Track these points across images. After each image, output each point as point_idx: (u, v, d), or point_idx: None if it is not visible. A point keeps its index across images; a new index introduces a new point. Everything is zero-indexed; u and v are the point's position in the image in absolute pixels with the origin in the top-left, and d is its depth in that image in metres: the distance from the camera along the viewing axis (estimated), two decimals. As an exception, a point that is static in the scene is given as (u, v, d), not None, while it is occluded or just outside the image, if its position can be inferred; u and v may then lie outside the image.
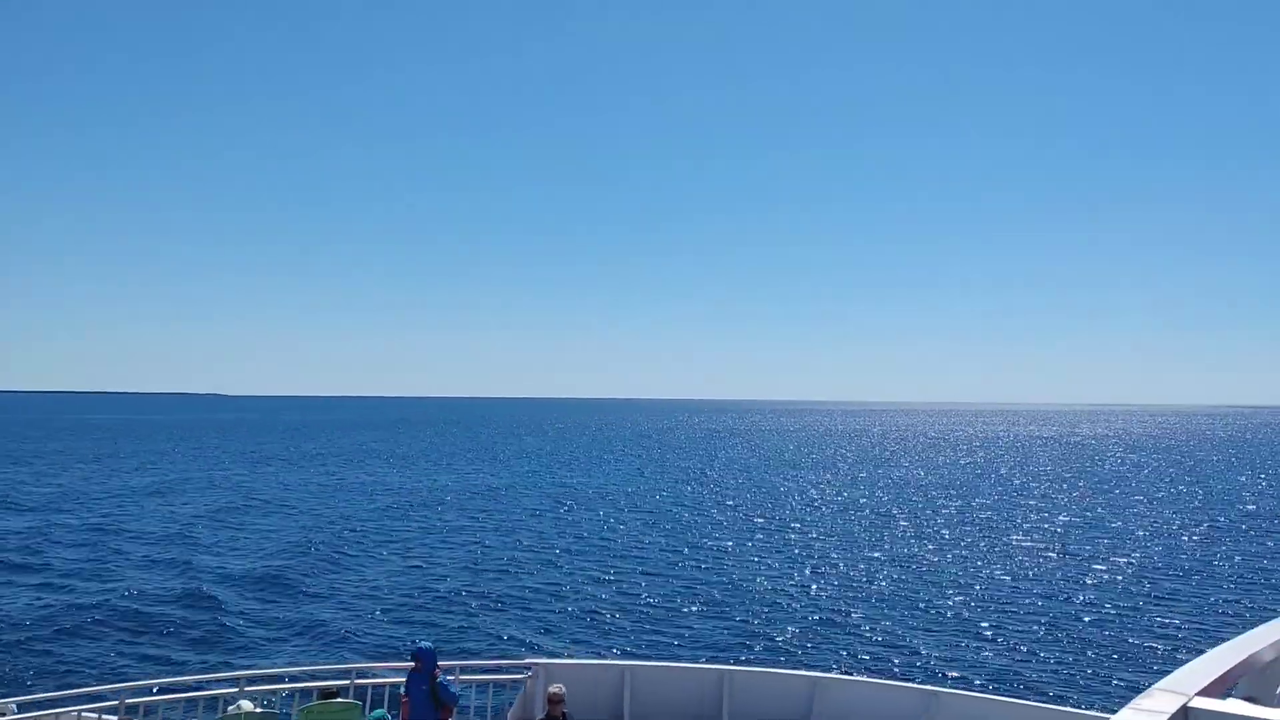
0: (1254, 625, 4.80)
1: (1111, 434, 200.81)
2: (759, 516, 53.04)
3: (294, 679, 13.31)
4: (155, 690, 12.84)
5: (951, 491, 70.29)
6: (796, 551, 40.88)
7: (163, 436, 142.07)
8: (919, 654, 24.76)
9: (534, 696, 12.06)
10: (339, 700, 10.31)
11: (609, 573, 35.33)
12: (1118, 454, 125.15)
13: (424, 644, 10.98)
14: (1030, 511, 57.18)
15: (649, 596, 31.24)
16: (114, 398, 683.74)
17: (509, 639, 25.75)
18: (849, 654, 24.65)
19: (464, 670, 12.65)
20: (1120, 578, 35.44)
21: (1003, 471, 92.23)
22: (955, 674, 22.87)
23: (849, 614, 29.09)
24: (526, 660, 12.88)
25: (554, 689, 10.90)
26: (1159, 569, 37.30)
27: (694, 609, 29.52)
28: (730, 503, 59.90)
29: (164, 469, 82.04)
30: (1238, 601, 31.39)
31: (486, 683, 12.87)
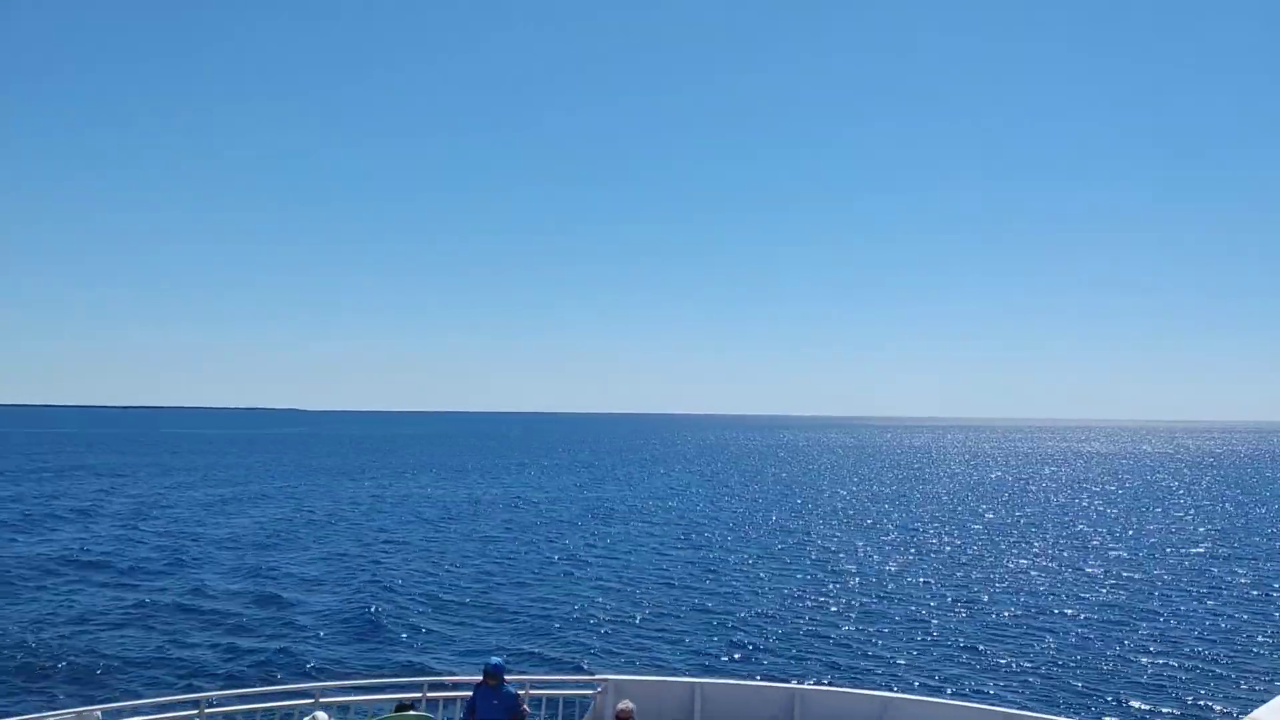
0: None
1: (1168, 450, 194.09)
2: (818, 533, 52.40)
3: (368, 690, 13.50)
4: (232, 699, 13.13)
5: (1011, 508, 68.62)
6: (861, 569, 40.20)
7: (238, 450, 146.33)
8: (995, 674, 24.09)
9: (603, 712, 12.00)
10: (414, 712, 10.40)
11: (672, 588, 35.17)
12: (1176, 471, 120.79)
13: (494, 659, 11.00)
14: (1098, 530, 55.47)
15: (715, 612, 30.97)
16: (194, 413, 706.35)
17: (575, 653, 25.75)
18: (922, 673, 24.08)
19: (533, 685, 12.68)
20: (1201, 602, 34.11)
21: (1053, 486, 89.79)
22: (1033, 695, 22.19)
23: (920, 631, 28.45)
24: (595, 676, 12.85)
25: (623, 705, 10.80)
26: (1236, 595, 35.81)
27: (762, 625, 29.17)
28: (783, 519, 59.30)
29: (240, 481, 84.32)
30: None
31: (555, 698, 12.88)
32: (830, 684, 21.26)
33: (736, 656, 25.61)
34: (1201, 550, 46.07)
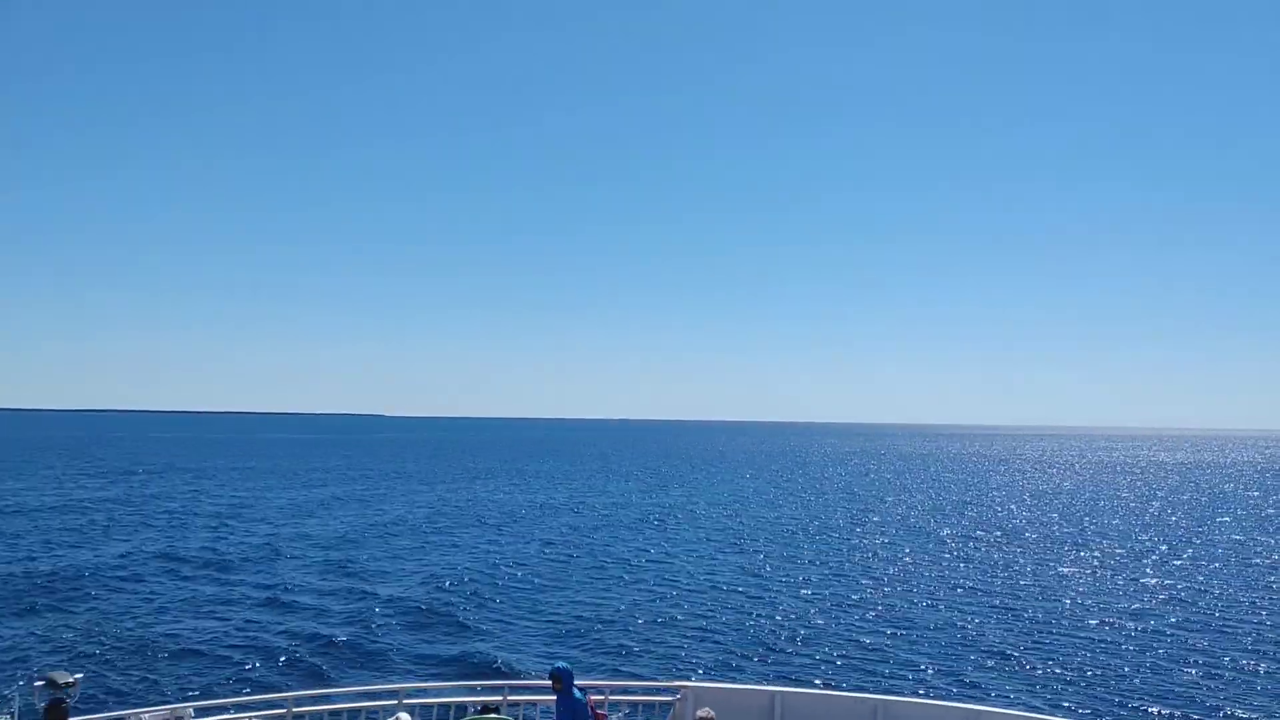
0: None
1: (1255, 459, 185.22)
2: (886, 542, 51.49)
3: (451, 692, 13.64)
4: (318, 699, 13.40)
5: (1077, 519, 66.45)
6: (933, 579, 39.30)
7: (323, 454, 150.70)
8: (1086, 687, 23.21)
9: (682, 719, 11.93)
10: (496, 716, 10.47)
11: (739, 595, 34.86)
12: (1254, 481, 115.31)
13: (559, 663, 11.02)
14: (1165, 539, 53.32)
15: (785, 620, 30.55)
16: (282, 418, 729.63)
17: (651, 659, 25.66)
18: (1007, 685, 23.33)
19: (612, 692, 12.65)
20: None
21: (1122, 495, 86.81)
22: (1130, 711, 21.32)
23: (1007, 643, 27.56)
24: (675, 683, 12.76)
25: (703, 713, 10.70)
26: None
27: (842, 633, 28.65)
28: (847, 528, 58.47)
29: (319, 484, 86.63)
30: None
31: (635, 704, 12.84)
32: (913, 695, 20.75)
33: (812, 665, 25.20)
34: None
